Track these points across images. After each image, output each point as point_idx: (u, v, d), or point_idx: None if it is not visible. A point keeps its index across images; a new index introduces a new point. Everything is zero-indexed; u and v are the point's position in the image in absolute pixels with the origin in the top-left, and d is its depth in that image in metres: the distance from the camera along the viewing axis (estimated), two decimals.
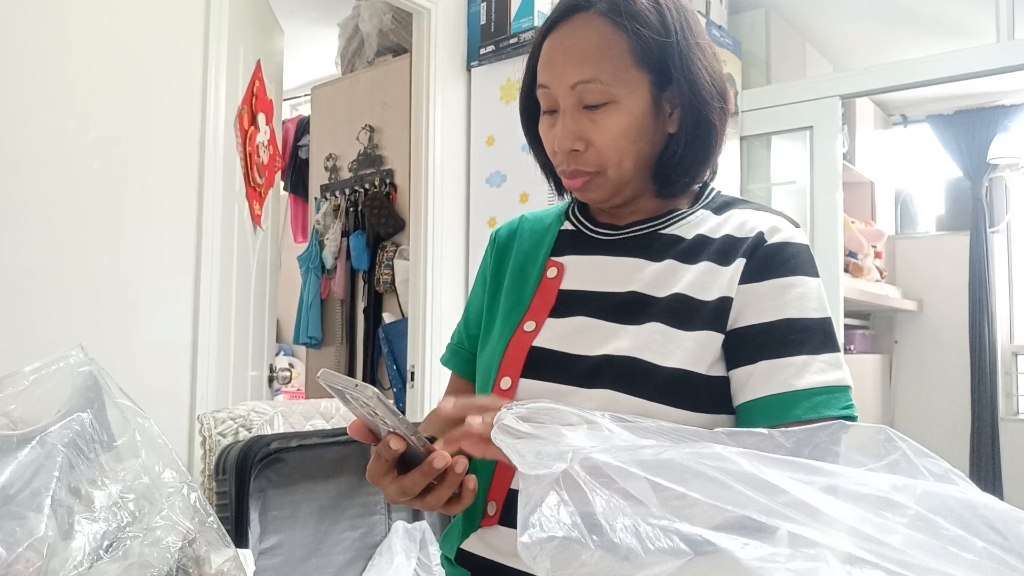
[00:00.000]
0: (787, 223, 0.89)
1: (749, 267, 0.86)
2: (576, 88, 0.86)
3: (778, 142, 3.37)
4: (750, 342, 0.83)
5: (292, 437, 1.47)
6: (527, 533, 0.56)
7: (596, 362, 0.85)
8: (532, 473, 0.59)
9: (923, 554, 0.46)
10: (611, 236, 0.95)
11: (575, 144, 0.88)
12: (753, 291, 0.85)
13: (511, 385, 0.90)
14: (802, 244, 0.88)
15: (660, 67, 0.86)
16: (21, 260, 1.70)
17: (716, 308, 0.85)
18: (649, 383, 0.83)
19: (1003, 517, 0.49)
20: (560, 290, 0.94)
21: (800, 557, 0.48)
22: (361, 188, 3.40)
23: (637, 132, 0.87)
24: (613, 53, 0.85)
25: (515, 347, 0.91)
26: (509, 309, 0.96)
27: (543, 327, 0.91)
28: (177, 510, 0.84)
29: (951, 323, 4.49)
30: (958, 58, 2.97)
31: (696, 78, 0.86)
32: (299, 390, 4.10)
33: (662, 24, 0.85)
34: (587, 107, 0.86)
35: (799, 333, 0.83)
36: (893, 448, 0.56)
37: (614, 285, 0.90)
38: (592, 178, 0.90)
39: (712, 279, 0.86)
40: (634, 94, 0.86)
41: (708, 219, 0.92)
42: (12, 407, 0.85)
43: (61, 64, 1.77)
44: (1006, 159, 4.46)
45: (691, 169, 0.91)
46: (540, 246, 1.00)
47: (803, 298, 0.84)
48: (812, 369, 0.81)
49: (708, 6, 3.16)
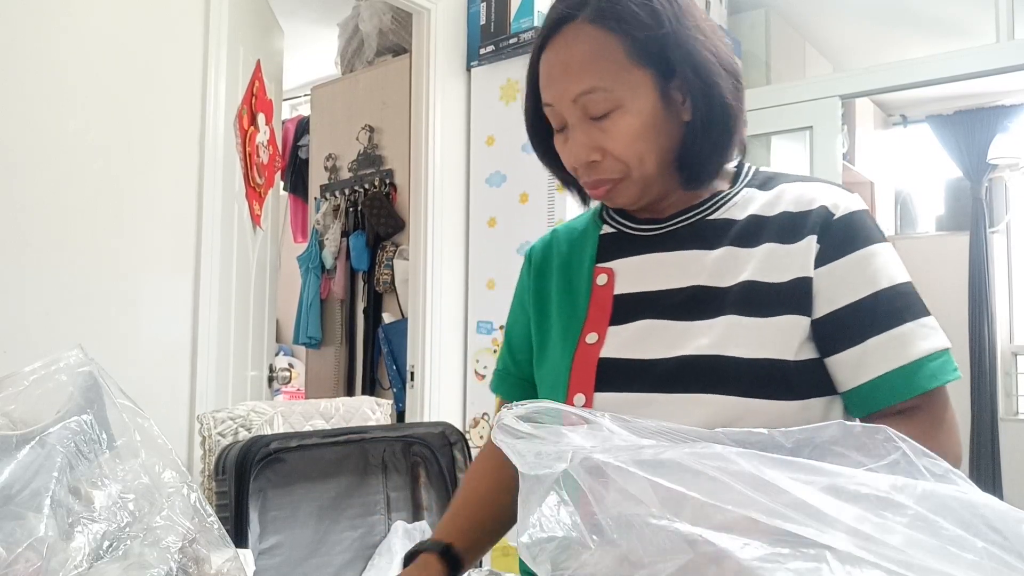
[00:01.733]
0: (845, 193, 0.86)
1: (824, 245, 0.82)
2: (579, 101, 0.84)
3: (778, 142, 3.37)
4: (851, 322, 0.80)
5: (292, 437, 1.47)
6: (527, 533, 0.56)
7: (675, 364, 0.82)
8: (532, 473, 0.59)
9: (923, 554, 0.46)
10: (657, 231, 0.92)
11: (591, 156, 0.86)
12: (835, 270, 0.82)
13: (586, 401, 0.86)
14: (865, 210, 0.85)
15: (660, 60, 0.83)
16: (21, 260, 1.70)
17: (793, 290, 0.82)
18: (738, 379, 0.79)
19: (1003, 517, 0.49)
20: (615, 296, 0.91)
21: (800, 557, 0.48)
22: (361, 188, 3.40)
23: (651, 130, 0.84)
24: (608, 58, 0.83)
25: (581, 362, 0.88)
26: (565, 324, 0.93)
27: (606, 337, 0.88)
28: (177, 510, 0.84)
29: (951, 323, 4.49)
30: (958, 58, 2.98)
31: (700, 62, 0.83)
32: (299, 390, 4.10)
33: (653, 17, 0.82)
34: (594, 118, 0.85)
35: (896, 302, 0.80)
36: (893, 448, 0.56)
37: (673, 281, 0.87)
38: (616, 184, 0.87)
39: (780, 260, 0.83)
40: (639, 94, 0.83)
41: (756, 197, 0.89)
42: (12, 407, 0.85)
43: (61, 64, 1.77)
44: (1006, 159, 4.46)
45: (714, 153, 0.87)
46: (583, 254, 0.96)
47: (887, 266, 0.82)
48: (920, 335, 0.79)
49: (708, 6, 3.16)
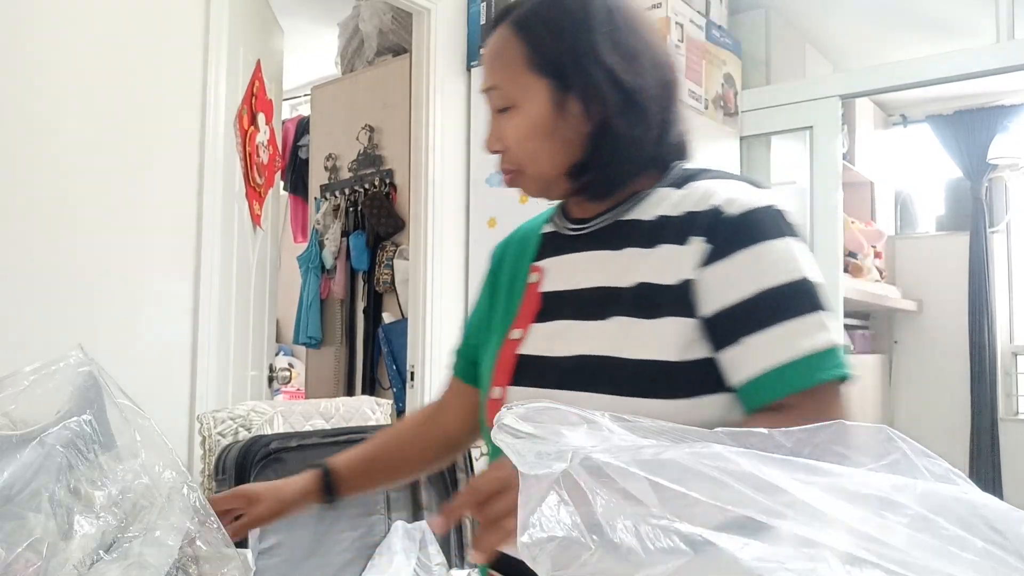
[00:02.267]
0: (747, 188, 0.86)
1: (713, 245, 0.83)
2: (487, 94, 0.93)
3: (778, 142, 3.37)
4: (733, 321, 0.81)
5: (292, 437, 1.47)
6: (527, 533, 0.56)
7: (571, 363, 0.87)
8: (532, 473, 0.59)
9: (923, 554, 0.46)
10: (581, 231, 0.95)
11: (494, 145, 0.93)
12: (722, 269, 0.82)
13: (501, 394, 0.92)
14: (764, 207, 0.84)
15: (557, 73, 0.88)
16: (21, 260, 1.70)
17: (680, 291, 0.83)
18: (619, 379, 0.83)
19: (1003, 517, 0.49)
20: (542, 293, 0.95)
21: (800, 557, 0.48)
22: (361, 188, 3.40)
23: (541, 134, 0.89)
24: (508, 61, 0.90)
25: (504, 356, 0.94)
26: (501, 319, 0.99)
27: (528, 333, 0.93)
28: (177, 510, 0.84)
29: (951, 323, 4.49)
30: (958, 58, 2.97)
31: (591, 81, 0.87)
32: (299, 390, 4.10)
33: (556, 33, 0.88)
34: (498, 111, 0.92)
35: (777, 301, 0.80)
36: (893, 448, 0.56)
37: (583, 281, 0.91)
38: (515, 175, 0.94)
39: (672, 261, 0.85)
40: (531, 98, 0.89)
41: (669, 196, 0.90)
42: (12, 407, 0.85)
43: (61, 64, 1.77)
44: (1006, 159, 4.46)
45: (607, 169, 0.90)
46: (526, 252, 1.01)
47: (775, 263, 0.81)
48: (798, 335, 0.79)
49: (708, 6, 3.16)
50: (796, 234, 0.84)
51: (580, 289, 0.91)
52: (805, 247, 0.84)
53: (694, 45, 3.00)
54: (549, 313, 0.93)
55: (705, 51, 3.07)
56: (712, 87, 3.13)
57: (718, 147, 3.17)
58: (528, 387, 0.90)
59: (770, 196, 0.86)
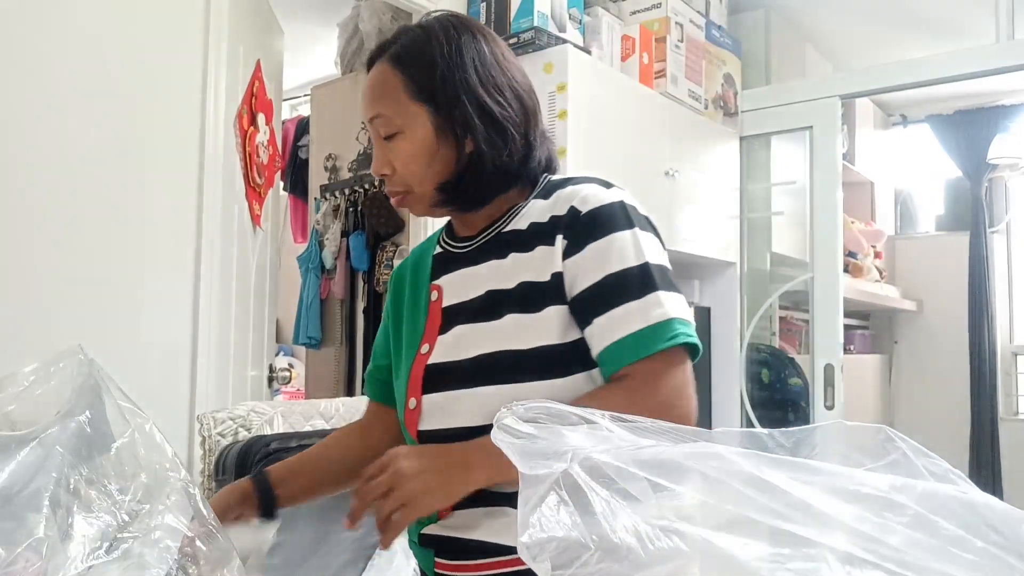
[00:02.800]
0: (597, 188, 0.99)
1: (569, 240, 0.96)
2: (373, 122, 1.02)
3: (778, 142, 3.37)
4: (584, 305, 0.94)
5: (292, 437, 1.47)
6: (527, 533, 0.56)
7: (473, 363, 0.97)
8: (532, 473, 0.59)
9: (923, 554, 0.46)
10: (467, 248, 1.07)
11: (383, 169, 1.03)
12: (579, 260, 0.95)
13: (416, 404, 1.01)
14: (612, 203, 0.97)
15: (433, 99, 0.99)
16: (21, 260, 1.70)
17: (554, 284, 0.96)
18: (516, 368, 0.94)
19: (1003, 517, 0.49)
20: (443, 308, 1.05)
21: (800, 557, 0.48)
22: (361, 188, 3.40)
23: (425, 156, 1.00)
24: (390, 91, 1.00)
25: (415, 370, 1.03)
26: (409, 338, 1.08)
27: (435, 346, 1.03)
28: (177, 510, 0.84)
29: (951, 323, 4.49)
30: (958, 58, 2.98)
31: (465, 106, 0.98)
32: (299, 390, 4.10)
33: (429, 65, 0.99)
34: (385, 138, 1.01)
35: (619, 285, 0.92)
36: (893, 448, 0.56)
37: (476, 290, 1.02)
38: (404, 196, 1.04)
39: (544, 260, 0.97)
40: (415, 124, 0.99)
41: (538, 206, 1.03)
42: (12, 407, 0.85)
43: (60, 64, 1.77)
44: (1006, 159, 4.46)
45: (476, 185, 1.01)
46: (423, 274, 1.11)
47: (619, 251, 0.94)
48: (635, 313, 0.91)
49: (708, 6, 3.16)
50: (643, 225, 0.97)
51: (475, 297, 1.01)
52: (650, 235, 0.97)
53: (694, 45, 3.00)
54: (450, 324, 1.03)
55: (705, 51, 3.07)
56: (712, 87, 3.13)
57: (718, 147, 3.17)
58: (438, 392, 0.99)
59: (619, 193, 0.99)
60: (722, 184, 3.19)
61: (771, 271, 3.39)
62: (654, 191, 2.73)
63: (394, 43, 1.04)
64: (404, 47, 1.02)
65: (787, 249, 3.39)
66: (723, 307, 3.26)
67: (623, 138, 2.61)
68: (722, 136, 3.19)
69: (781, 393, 3.36)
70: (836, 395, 3.07)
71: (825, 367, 3.09)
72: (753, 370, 3.36)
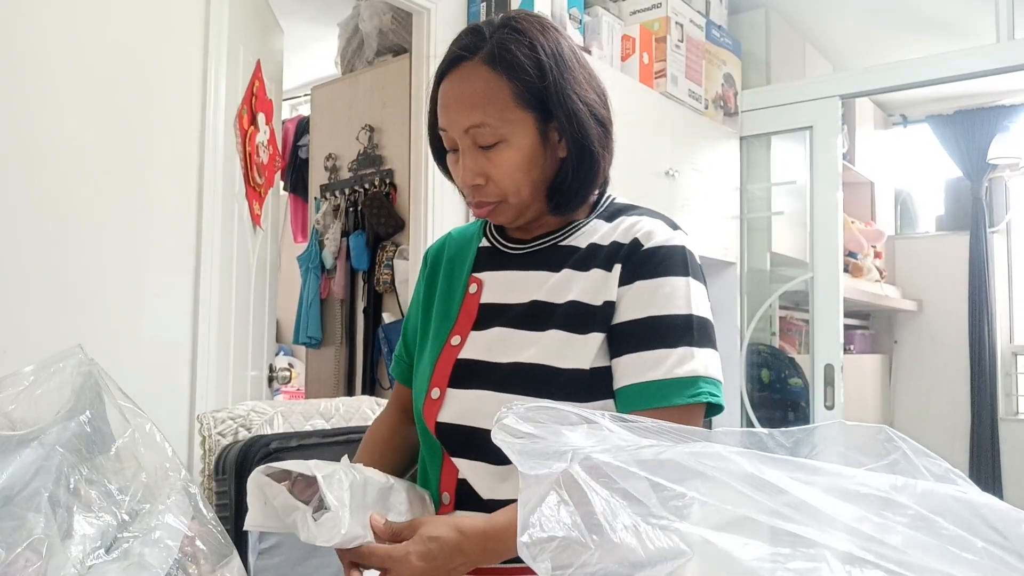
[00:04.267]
0: (664, 227, 0.98)
1: (625, 271, 0.96)
2: (469, 131, 0.96)
3: (778, 142, 3.37)
4: (620, 337, 0.94)
5: (292, 437, 1.48)
6: (527, 533, 0.56)
7: (510, 369, 0.96)
8: (532, 473, 0.59)
9: (923, 554, 0.46)
10: (520, 251, 1.05)
11: (476, 180, 0.98)
12: (627, 292, 0.95)
13: (440, 395, 1.00)
14: (675, 246, 0.96)
15: (541, 106, 0.96)
16: (21, 260, 1.70)
17: (605, 311, 0.95)
18: (551, 385, 0.93)
19: (1003, 517, 0.49)
20: (481, 304, 1.04)
21: (800, 557, 0.48)
22: (361, 188, 3.39)
23: (529, 163, 0.97)
24: (496, 98, 0.95)
25: (444, 360, 1.02)
26: (439, 325, 1.06)
27: (467, 340, 1.01)
28: (177, 510, 0.84)
29: (951, 323, 4.49)
30: (958, 58, 2.98)
31: (573, 110, 0.96)
32: (299, 390, 4.10)
33: (538, 69, 0.95)
34: (482, 147, 0.97)
35: (659, 329, 0.92)
36: (893, 448, 0.56)
37: (521, 296, 1.01)
38: (496, 206, 1.00)
39: (599, 284, 0.97)
40: (521, 132, 0.96)
41: (600, 227, 1.02)
42: (12, 407, 0.85)
43: (60, 64, 1.77)
44: (1006, 159, 4.46)
45: (580, 188, 1.00)
46: (464, 263, 1.09)
47: (669, 296, 0.94)
48: (666, 362, 0.91)
49: (708, 6, 3.16)
50: (697, 276, 0.97)
51: (519, 303, 1.00)
52: (702, 288, 0.97)
53: (694, 45, 3.00)
54: (488, 322, 1.01)
55: (705, 51, 3.07)
56: (712, 87, 3.13)
57: (718, 147, 3.17)
58: (467, 389, 0.98)
59: (683, 237, 0.99)
60: (722, 184, 3.19)
61: (771, 271, 3.39)
62: (654, 191, 2.73)
63: (481, 44, 0.96)
64: (508, 51, 0.95)
65: (787, 249, 3.39)
66: (723, 307, 3.26)
67: (623, 138, 2.59)
68: (722, 136, 3.19)
69: (781, 393, 3.36)
70: (836, 395, 3.07)
71: (825, 367, 3.09)
72: (753, 370, 3.36)
